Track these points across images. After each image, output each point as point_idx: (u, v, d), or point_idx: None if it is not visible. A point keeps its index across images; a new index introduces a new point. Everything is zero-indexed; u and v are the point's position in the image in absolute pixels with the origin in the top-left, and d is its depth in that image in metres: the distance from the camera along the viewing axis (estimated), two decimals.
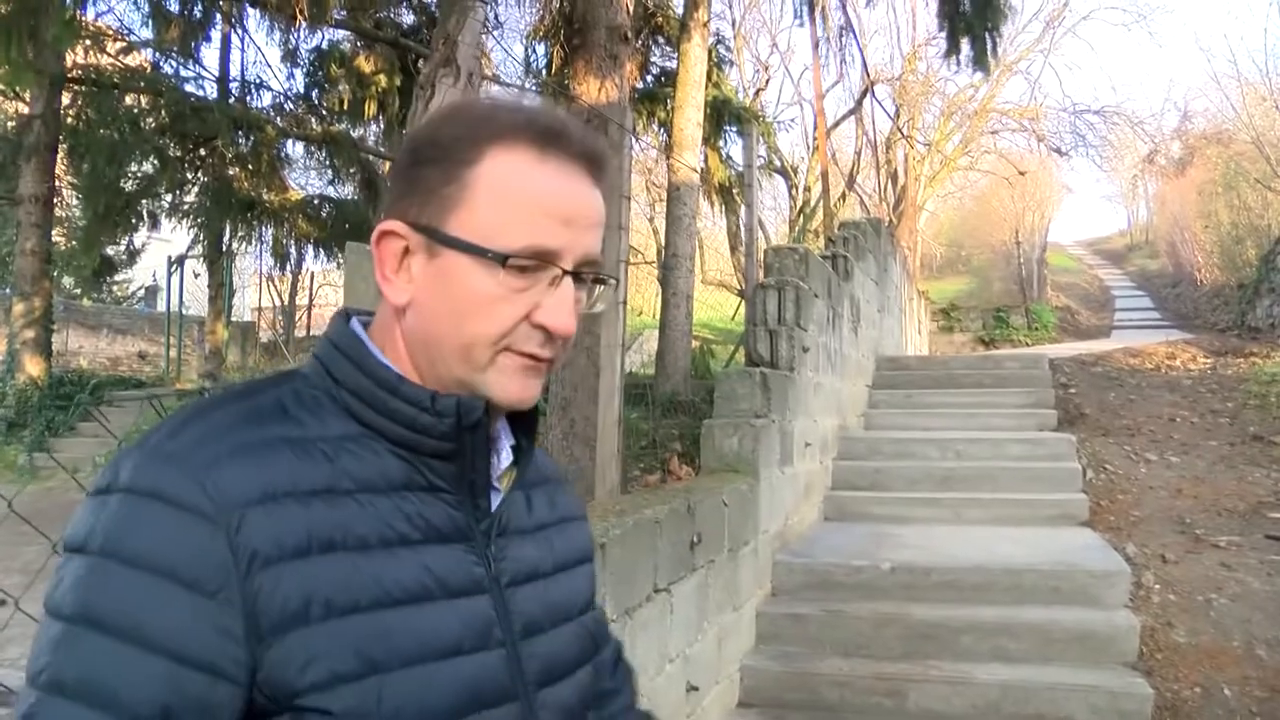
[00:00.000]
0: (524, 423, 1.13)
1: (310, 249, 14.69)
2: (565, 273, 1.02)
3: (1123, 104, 68.41)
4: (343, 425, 1.00)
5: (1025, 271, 28.03)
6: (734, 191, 14.64)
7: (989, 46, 10.97)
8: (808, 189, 25.68)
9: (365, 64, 12.23)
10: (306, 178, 21.14)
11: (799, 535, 6.44)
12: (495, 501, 1.09)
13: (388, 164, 13.74)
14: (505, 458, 1.12)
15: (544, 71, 12.21)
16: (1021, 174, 25.62)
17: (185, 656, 0.87)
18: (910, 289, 16.86)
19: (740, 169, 14.37)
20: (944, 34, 11.05)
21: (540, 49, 12.45)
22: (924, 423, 9.25)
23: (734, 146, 14.41)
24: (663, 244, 13.14)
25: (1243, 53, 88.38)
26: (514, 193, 1.00)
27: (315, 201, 14.42)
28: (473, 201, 0.99)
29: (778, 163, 23.92)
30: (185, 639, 0.87)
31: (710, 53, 11.58)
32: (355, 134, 14.09)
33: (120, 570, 0.88)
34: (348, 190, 15.29)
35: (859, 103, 23.83)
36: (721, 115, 13.20)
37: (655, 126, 13.36)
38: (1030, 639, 5.02)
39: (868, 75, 20.51)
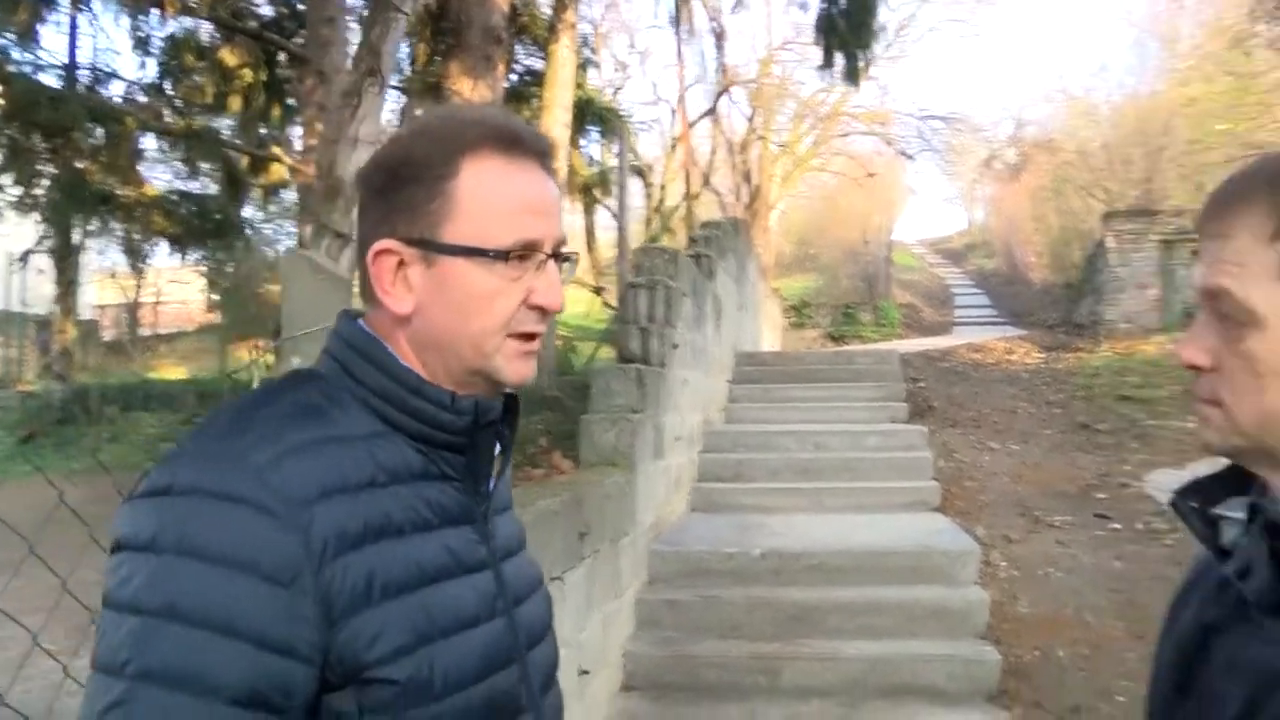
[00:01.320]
0: (510, 414, 1.28)
1: (166, 246, 14.28)
2: (548, 256, 1.19)
3: (965, 112, 71.18)
4: (370, 423, 1.14)
5: (872, 269, 29.06)
6: (594, 190, 14.85)
7: (860, 64, 11.67)
8: (663, 187, 26.10)
9: (229, 57, 11.97)
10: (154, 171, 20.48)
11: (671, 526, 6.72)
12: (490, 486, 1.26)
13: (247, 159, 13.45)
14: (496, 447, 1.28)
15: (409, 67, 12.21)
16: (870, 175, 26.60)
17: (267, 642, 0.99)
18: (764, 286, 17.37)
19: (600, 168, 14.59)
20: (821, 49, 11.67)
21: (404, 46, 12.45)
22: (783, 416, 9.62)
23: (593, 145, 14.63)
24: None
25: (1069, 70, 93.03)
26: (494, 197, 1.15)
27: (174, 197, 14.01)
28: (459, 211, 1.14)
29: (634, 161, 24.23)
30: (266, 626, 0.99)
31: (577, 53, 11.80)
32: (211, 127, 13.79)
33: (200, 566, 0.98)
34: (202, 186, 14.94)
35: (716, 103, 24.43)
36: (585, 115, 13.41)
37: None
38: (893, 616, 5.40)
39: (726, 77, 21.01)
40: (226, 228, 14.35)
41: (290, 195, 15.82)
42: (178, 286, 27.22)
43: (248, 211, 15.85)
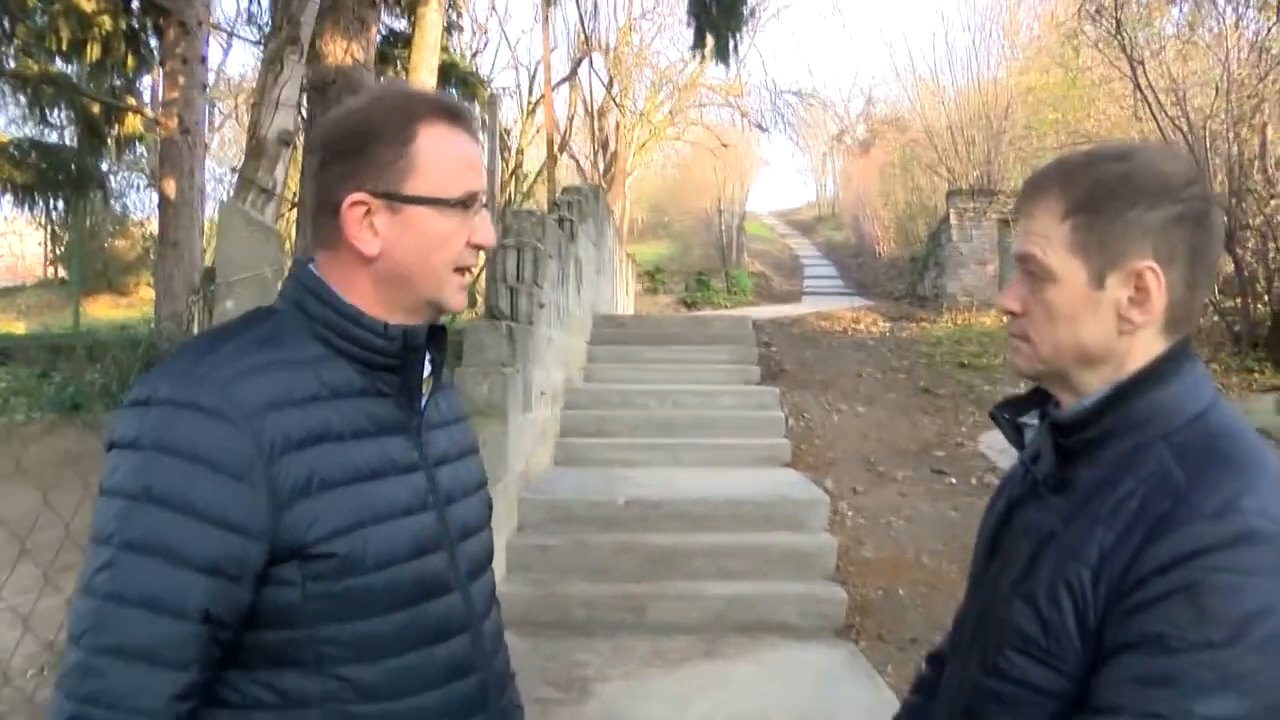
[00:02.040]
0: (437, 342, 1.53)
1: (11, 196, 13.54)
2: (482, 204, 1.47)
3: (818, 87, 72.67)
4: (317, 348, 1.38)
5: (726, 238, 29.64)
6: None
7: (730, 44, 12.03)
8: (520, 151, 26.09)
9: (86, 3, 11.48)
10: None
11: (538, 477, 6.95)
12: (422, 403, 1.51)
13: (97, 106, 12.88)
14: (426, 369, 1.53)
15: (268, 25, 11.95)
16: (725, 146, 27.13)
17: (226, 522, 1.25)
18: (620, 252, 17.65)
19: None
20: (692, 30, 11.96)
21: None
22: (642, 376, 9.92)
23: None
24: None
25: (918, 52, 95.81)
26: (445, 156, 1.42)
27: (23, 145, 13.33)
28: (419, 168, 1.40)
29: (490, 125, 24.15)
30: (225, 510, 1.25)
31: (444, 16, 11.76)
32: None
33: (172, 461, 1.24)
34: (45, 135, 14.18)
35: (575, 69, 24.53)
36: (448, 79, 13.35)
37: None
38: (749, 559, 5.75)
39: (585, 44, 21.13)
40: (84, 179, 13.74)
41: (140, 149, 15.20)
42: (10, 240, 25.94)
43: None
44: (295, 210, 12.69)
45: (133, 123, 13.24)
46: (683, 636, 5.19)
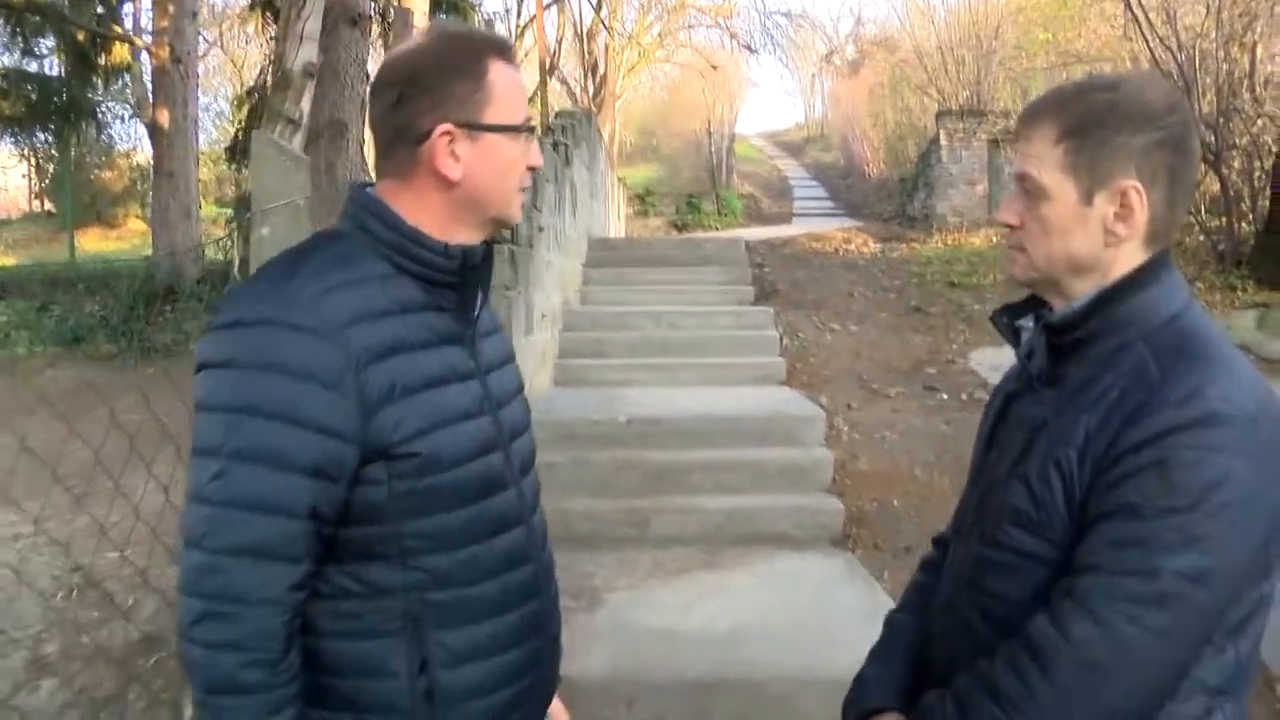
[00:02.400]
0: (487, 260, 1.66)
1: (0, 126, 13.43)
2: (534, 130, 1.63)
3: (808, 7, 71.73)
4: (383, 267, 1.51)
5: (715, 160, 29.57)
6: None
7: None
8: None
9: None
10: None
11: (539, 397, 7.09)
12: (475, 316, 1.65)
13: (83, 34, 12.71)
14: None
15: None
16: (714, 68, 26.96)
17: (325, 428, 1.39)
18: (611, 175, 17.67)
19: None
20: None
21: None
22: (637, 298, 10.02)
23: None
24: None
25: None
26: (510, 88, 1.57)
27: (10, 75, 13.18)
28: (493, 99, 1.54)
29: None
30: (323, 417, 1.39)
31: None
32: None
33: (272, 375, 1.38)
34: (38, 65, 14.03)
35: None
36: (440, 4, 13.25)
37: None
38: (747, 473, 5.93)
39: None
40: (75, 110, 13.62)
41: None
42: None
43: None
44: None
45: (120, 52, 13.12)
46: (683, 549, 5.37)
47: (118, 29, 13.80)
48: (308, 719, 1.45)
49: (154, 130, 11.56)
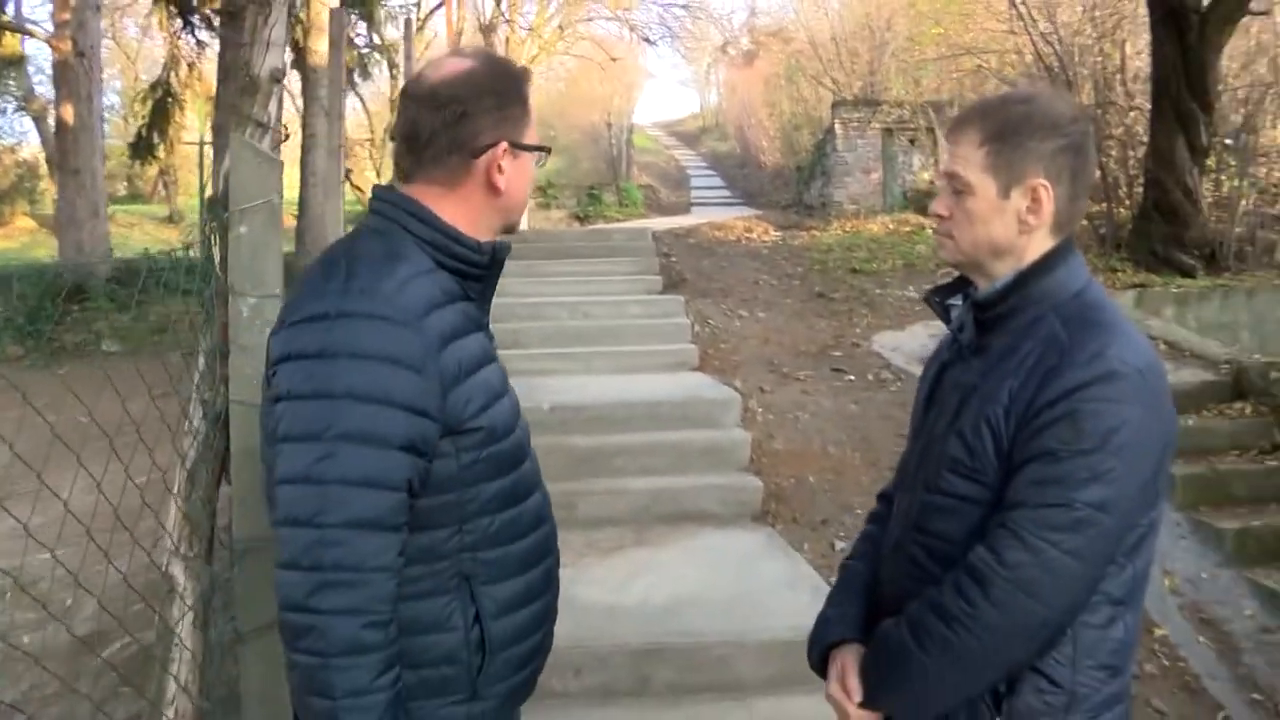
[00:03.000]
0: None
1: None
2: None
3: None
4: (427, 261, 1.71)
5: (615, 152, 29.76)
6: (354, 73, 14.71)
7: None
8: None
9: None
10: None
11: None
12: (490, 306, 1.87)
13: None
14: None
15: None
16: (614, 60, 27.17)
17: (415, 408, 1.58)
18: None
19: (357, 51, 14.45)
20: None
21: None
22: (549, 289, 10.16)
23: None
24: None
25: None
26: (534, 113, 1.83)
27: None
28: (530, 122, 1.79)
29: (377, 41, 23.74)
30: (413, 399, 1.58)
31: None
32: None
33: (365, 363, 1.56)
34: None
35: None
36: None
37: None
38: (669, 455, 6.16)
39: None
40: None
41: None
42: None
43: None
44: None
45: (11, 43, 12.82)
46: (612, 528, 5.58)
47: (6, 18, 13.48)
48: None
49: (58, 126, 11.36)
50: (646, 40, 28.71)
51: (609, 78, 29.36)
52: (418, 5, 24.90)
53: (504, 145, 1.74)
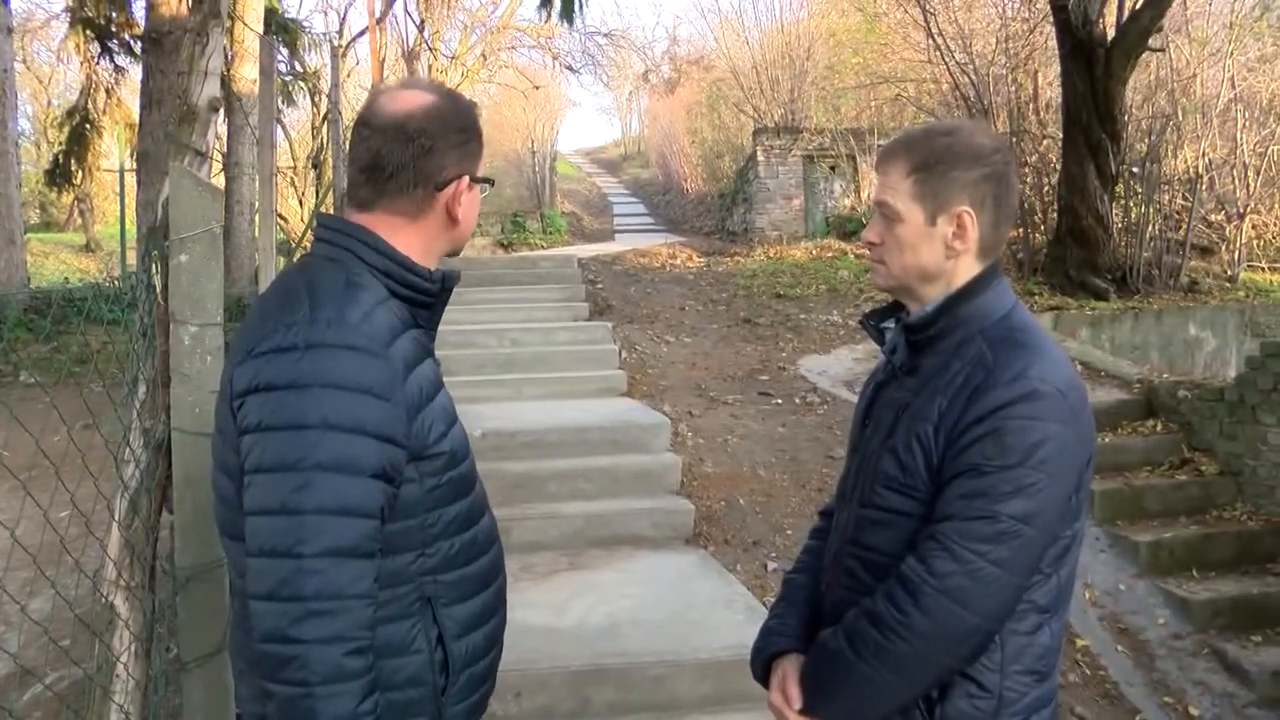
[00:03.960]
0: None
1: None
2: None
3: (627, 28, 72.85)
4: (382, 290, 1.74)
5: (539, 179, 29.77)
6: (278, 100, 14.60)
7: (576, 4, 12.30)
8: (327, 96, 25.47)
9: None
10: None
11: None
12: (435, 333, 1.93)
13: None
14: None
15: None
16: (537, 88, 27.27)
17: (386, 436, 1.62)
18: None
19: (282, 78, 14.33)
20: None
21: None
22: (478, 316, 10.16)
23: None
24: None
25: None
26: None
27: None
28: (483, 155, 1.85)
29: (298, 68, 23.57)
30: (384, 427, 1.61)
31: None
32: None
33: (340, 393, 1.58)
34: None
35: (388, 10, 24.14)
36: (269, 25, 13.15)
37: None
38: (601, 480, 6.22)
39: None
40: None
41: None
42: None
43: None
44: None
45: None
46: (547, 553, 5.61)
47: None
48: None
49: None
50: (569, 69, 28.85)
51: (532, 105, 29.43)
52: (340, 33, 24.75)
53: (466, 179, 1.80)
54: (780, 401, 7.87)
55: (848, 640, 1.76)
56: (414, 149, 1.74)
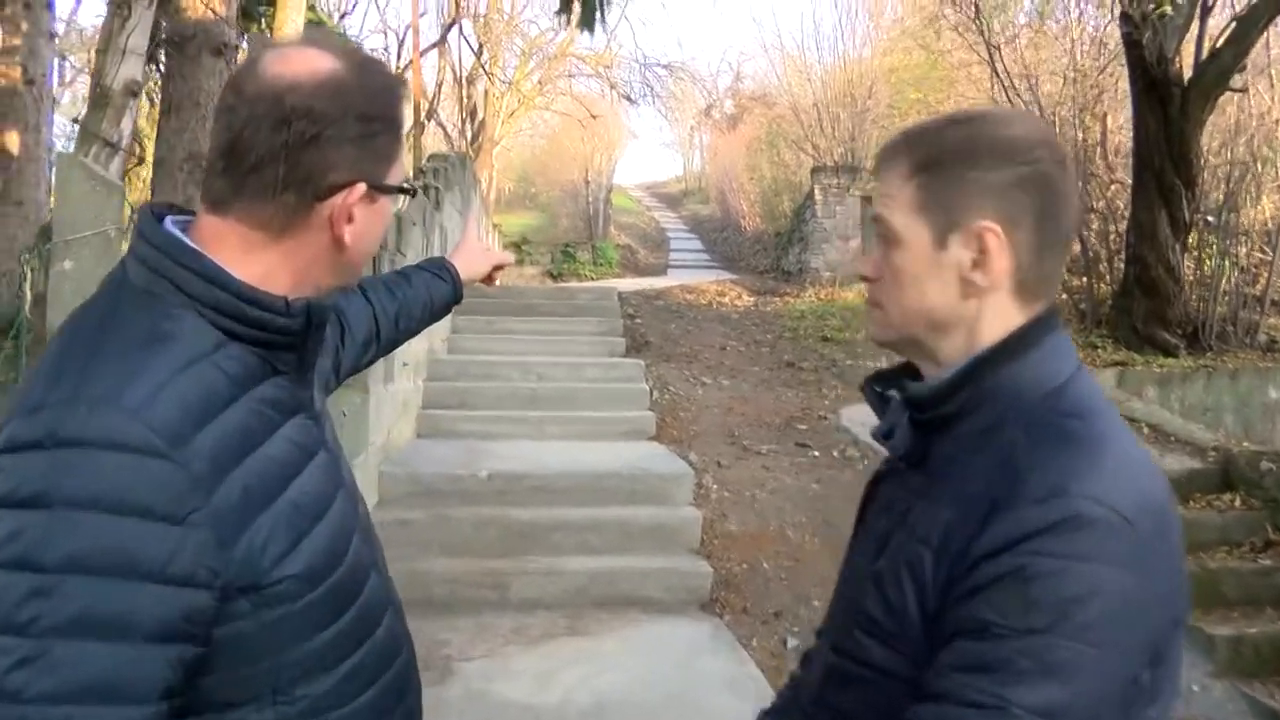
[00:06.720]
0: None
1: None
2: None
3: (687, 61, 72.96)
4: (210, 336, 1.17)
5: (593, 210, 29.56)
6: None
7: (596, 12, 11.81)
8: None
9: None
10: None
11: (398, 449, 6.78)
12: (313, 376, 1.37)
13: None
14: None
15: None
16: (594, 117, 27.02)
17: (172, 578, 1.04)
18: (486, 222, 17.43)
19: None
20: None
21: None
22: (506, 347, 9.77)
23: None
24: None
25: (786, 28, 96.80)
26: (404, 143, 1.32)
27: None
28: (399, 155, 1.29)
29: None
30: (169, 564, 1.04)
31: None
32: None
33: (96, 517, 1.01)
34: None
35: (445, 35, 24.08)
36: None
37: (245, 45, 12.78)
38: (612, 533, 5.71)
39: (456, 9, 20.67)
40: None
41: None
42: None
43: None
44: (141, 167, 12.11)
45: None
46: (545, 613, 5.12)
47: None
48: None
49: (2, 156, 10.96)
50: (627, 99, 28.55)
51: (590, 135, 29.20)
52: (398, 54, 24.68)
53: (361, 187, 1.24)
54: (818, 454, 7.31)
55: None
56: (289, 135, 1.17)
